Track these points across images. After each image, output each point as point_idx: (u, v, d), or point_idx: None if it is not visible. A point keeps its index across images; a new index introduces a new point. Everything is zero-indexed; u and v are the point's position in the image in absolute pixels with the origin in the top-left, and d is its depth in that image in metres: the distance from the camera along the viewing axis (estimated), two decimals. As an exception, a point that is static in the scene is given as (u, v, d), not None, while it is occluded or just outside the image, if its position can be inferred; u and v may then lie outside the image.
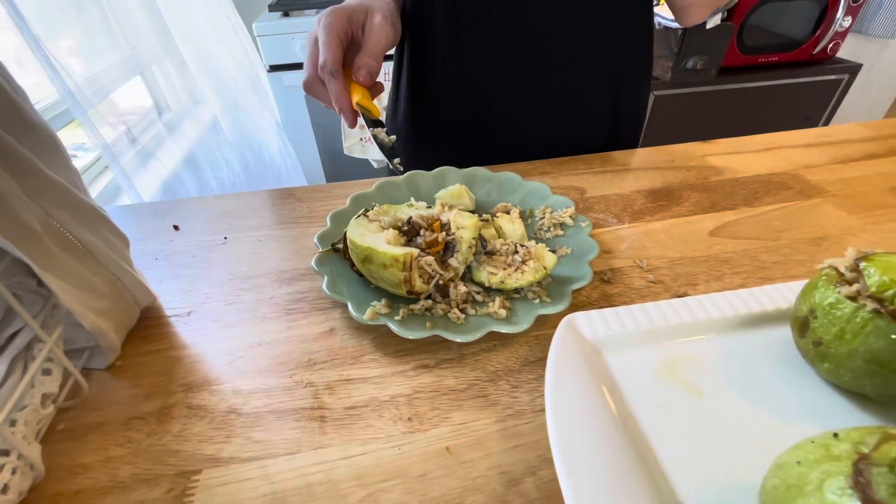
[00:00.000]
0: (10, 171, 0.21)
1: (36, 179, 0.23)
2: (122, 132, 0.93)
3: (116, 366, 0.30)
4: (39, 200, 0.23)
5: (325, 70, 0.38)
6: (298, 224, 0.44)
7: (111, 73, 0.96)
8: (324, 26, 0.39)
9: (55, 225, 0.24)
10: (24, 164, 0.22)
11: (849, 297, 0.23)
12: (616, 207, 0.44)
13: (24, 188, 0.22)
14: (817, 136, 0.55)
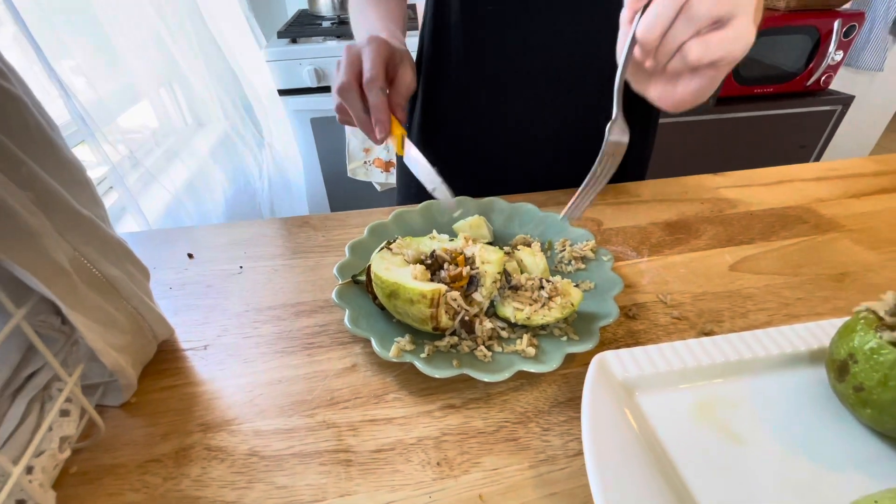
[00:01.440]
0: (44, 208, 0.21)
1: (67, 216, 0.22)
2: (126, 153, 0.93)
3: (131, 402, 0.29)
4: (69, 237, 0.22)
5: (374, 83, 0.38)
6: (315, 253, 0.44)
7: (123, 94, 0.97)
8: (372, 48, 0.39)
9: (83, 261, 0.23)
10: (57, 201, 0.21)
11: (892, 343, 0.23)
12: (634, 240, 0.44)
13: (56, 225, 0.21)
14: (827, 169, 0.56)
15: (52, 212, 0.21)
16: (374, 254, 0.34)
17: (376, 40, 0.40)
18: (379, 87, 0.38)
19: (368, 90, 0.38)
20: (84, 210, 0.24)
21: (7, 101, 0.19)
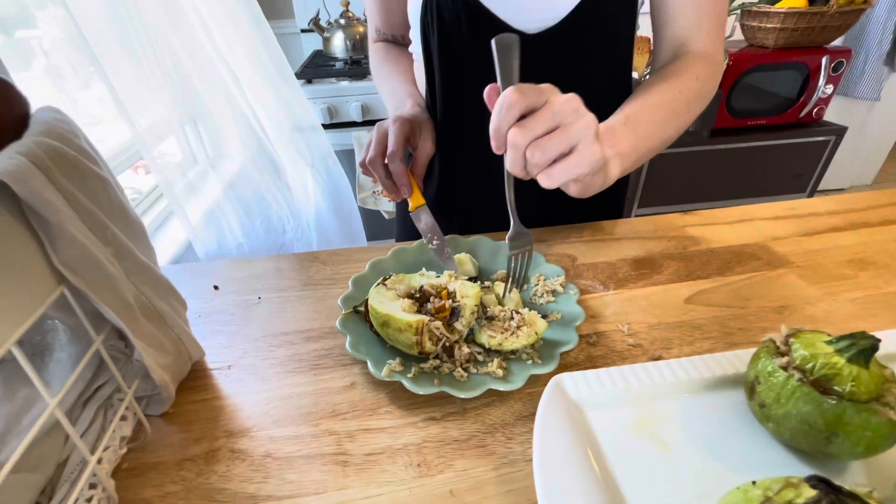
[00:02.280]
0: (119, 259, 0.27)
1: (133, 263, 0.29)
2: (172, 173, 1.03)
3: (169, 413, 0.35)
4: (134, 280, 0.29)
5: (395, 156, 0.48)
6: (322, 286, 0.50)
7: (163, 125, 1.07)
8: (396, 127, 0.49)
9: (142, 298, 0.30)
10: (127, 253, 0.28)
11: (782, 368, 0.28)
12: (603, 275, 0.50)
13: (126, 271, 0.28)
14: (787, 209, 0.61)
15: (123, 261, 0.28)
16: (372, 288, 0.40)
17: (400, 119, 0.49)
18: (399, 159, 0.48)
19: (390, 161, 0.47)
20: (143, 258, 0.30)
21: (98, 182, 0.27)
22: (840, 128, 1.74)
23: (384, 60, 0.64)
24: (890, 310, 0.43)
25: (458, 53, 0.54)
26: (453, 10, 0.51)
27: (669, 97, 0.47)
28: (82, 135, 0.27)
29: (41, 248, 0.23)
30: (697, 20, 0.50)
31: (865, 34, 2.19)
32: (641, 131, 0.45)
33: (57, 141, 0.24)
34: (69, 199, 0.24)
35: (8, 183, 0.20)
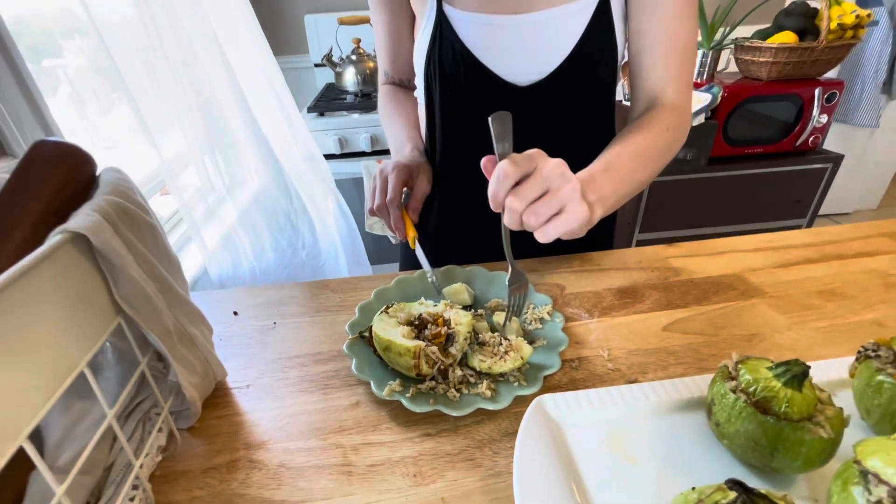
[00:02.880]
0: (162, 291, 0.33)
1: (173, 295, 0.34)
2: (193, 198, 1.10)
3: (196, 426, 0.40)
4: (173, 310, 0.34)
5: (393, 203, 0.55)
6: (332, 312, 0.55)
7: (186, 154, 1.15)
8: (394, 174, 0.56)
9: (179, 325, 0.35)
10: (168, 287, 0.33)
11: (732, 391, 0.32)
12: (589, 303, 0.54)
13: (167, 302, 0.33)
14: (765, 241, 0.66)
15: (165, 294, 0.33)
16: (376, 316, 0.45)
17: (397, 167, 0.56)
18: (396, 206, 0.55)
19: (390, 207, 0.54)
20: (180, 290, 0.36)
21: (149, 229, 0.32)
22: (837, 156, 1.78)
23: (391, 103, 0.70)
24: (852, 339, 0.47)
25: (457, 101, 0.60)
26: (453, 64, 0.57)
27: (644, 147, 0.53)
28: (137, 189, 0.33)
29: (106, 285, 0.28)
30: (668, 76, 0.56)
31: (861, 64, 2.25)
32: (620, 178, 0.50)
33: (120, 198, 0.30)
34: (129, 245, 0.29)
35: (87, 236, 0.26)
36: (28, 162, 0.28)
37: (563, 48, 0.54)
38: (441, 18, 0.56)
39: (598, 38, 0.55)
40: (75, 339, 0.26)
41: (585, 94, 0.59)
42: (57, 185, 0.28)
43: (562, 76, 0.56)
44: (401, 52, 0.67)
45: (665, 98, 0.56)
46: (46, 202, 0.28)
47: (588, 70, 0.57)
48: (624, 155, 0.51)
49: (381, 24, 0.65)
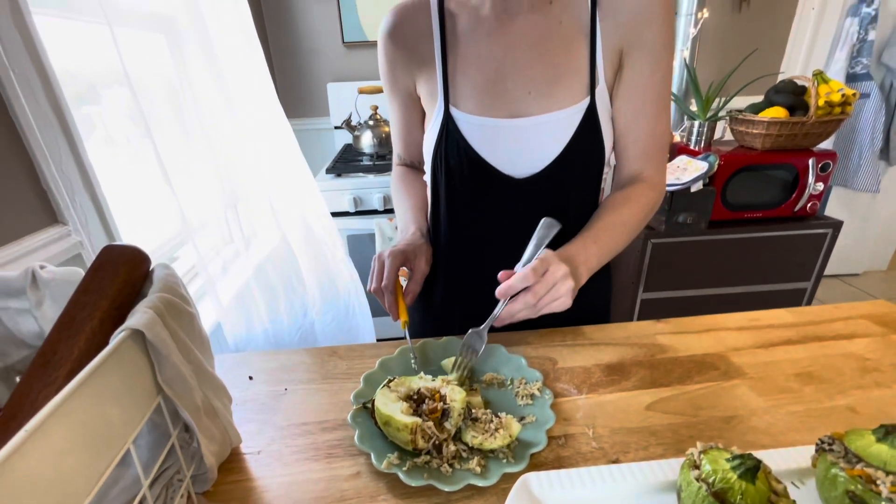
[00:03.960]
0: (195, 372, 0.38)
1: (202, 373, 0.39)
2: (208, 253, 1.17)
3: (210, 491, 0.44)
4: (203, 387, 0.39)
5: (387, 289, 0.61)
6: (339, 380, 0.59)
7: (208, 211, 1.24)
8: (390, 260, 0.62)
9: (206, 399, 0.40)
10: (200, 367, 0.39)
11: (696, 479, 0.35)
12: (578, 379, 0.58)
13: (199, 382, 0.38)
14: (749, 319, 0.69)
15: (198, 373, 0.38)
16: (378, 389, 0.49)
17: (393, 252, 0.62)
18: (391, 291, 0.61)
19: (385, 292, 0.60)
20: (209, 367, 0.41)
21: (188, 317, 0.38)
22: (836, 221, 1.82)
23: (402, 184, 0.78)
24: (826, 424, 0.50)
25: (460, 189, 0.67)
26: (457, 157, 0.65)
27: (629, 219, 0.64)
28: (181, 282, 0.39)
29: (151, 369, 0.34)
30: (647, 161, 0.65)
31: (856, 133, 2.33)
32: (606, 249, 0.61)
33: (168, 293, 0.36)
34: (173, 334, 0.35)
35: (143, 331, 0.31)
36: (98, 265, 0.35)
37: (554, 148, 0.62)
38: (448, 119, 0.64)
39: (586, 140, 0.62)
40: (125, 417, 0.31)
41: (575, 185, 0.66)
42: (121, 283, 0.35)
43: (554, 171, 0.63)
44: (412, 140, 0.75)
45: (644, 176, 0.66)
46: (111, 300, 0.34)
47: (578, 166, 0.64)
48: (611, 227, 0.62)
49: (395, 115, 0.74)
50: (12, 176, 0.70)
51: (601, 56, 0.60)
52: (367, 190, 1.65)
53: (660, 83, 0.61)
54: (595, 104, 0.61)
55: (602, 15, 0.59)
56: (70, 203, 0.78)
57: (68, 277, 0.38)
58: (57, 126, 0.76)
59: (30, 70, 0.71)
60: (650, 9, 0.57)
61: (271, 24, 1.99)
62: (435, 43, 0.64)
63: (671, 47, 0.60)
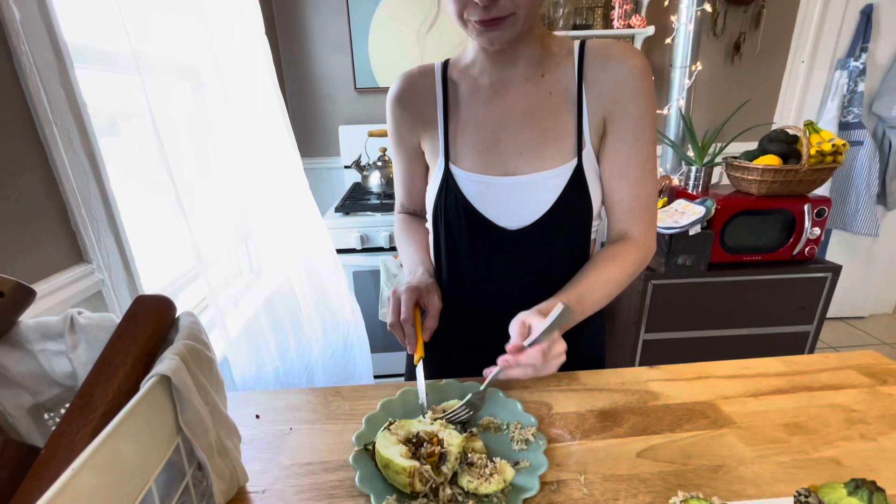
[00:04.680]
0: (211, 413, 0.41)
1: (217, 414, 0.42)
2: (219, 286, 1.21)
3: (216, 530, 0.46)
4: (217, 427, 0.42)
5: (407, 322, 0.64)
6: (341, 420, 0.62)
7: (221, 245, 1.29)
8: (406, 296, 0.66)
9: (219, 439, 0.42)
10: (216, 407, 0.42)
11: (676, 528, 0.37)
12: (572, 425, 0.60)
13: (214, 422, 0.41)
14: (740, 367, 0.71)
15: (213, 414, 0.41)
16: (379, 432, 0.52)
17: (408, 289, 0.66)
18: (410, 324, 0.64)
19: (404, 325, 0.63)
20: (223, 408, 0.44)
21: (208, 362, 0.41)
22: (835, 266, 1.84)
23: (405, 231, 0.82)
24: (811, 475, 0.51)
25: (459, 237, 0.72)
26: (456, 210, 0.70)
27: (616, 277, 0.67)
28: (203, 329, 0.42)
29: (174, 411, 0.37)
30: (635, 221, 0.69)
31: (852, 178, 2.39)
32: (590, 306, 0.65)
33: (192, 340, 0.39)
34: (194, 378, 0.38)
35: (171, 377, 0.35)
36: (132, 314, 0.39)
37: (544, 203, 0.67)
38: (448, 175, 0.69)
39: (573, 196, 0.67)
40: (148, 457, 0.34)
41: (564, 237, 0.70)
42: (151, 331, 0.38)
43: (544, 224, 0.67)
44: (414, 190, 0.81)
45: (633, 234, 0.70)
46: (142, 346, 0.37)
47: (566, 220, 0.68)
48: (597, 284, 0.65)
49: (399, 168, 0.80)
50: (46, 217, 0.75)
51: (587, 123, 0.66)
52: (373, 228, 1.70)
53: (643, 148, 0.66)
54: (582, 165, 0.66)
55: (587, 88, 0.65)
56: (95, 243, 0.83)
57: (102, 323, 0.42)
58: (90, 172, 0.82)
59: (70, 123, 0.78)
60: (630, 83, 0.63)
61: (289, 71, 2.11)
62: (438, 107, 0.70)
63: (652, 116, 0.66)
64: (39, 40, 0.73)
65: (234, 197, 1.29)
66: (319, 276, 1.43)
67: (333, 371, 1.40)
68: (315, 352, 1.32)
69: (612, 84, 0.64)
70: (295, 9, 2.03)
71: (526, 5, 0.56)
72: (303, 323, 1.31)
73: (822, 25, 2.15)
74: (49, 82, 0.75)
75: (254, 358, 1.14)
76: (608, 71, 0.64)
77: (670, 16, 2.00)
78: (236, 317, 1.25)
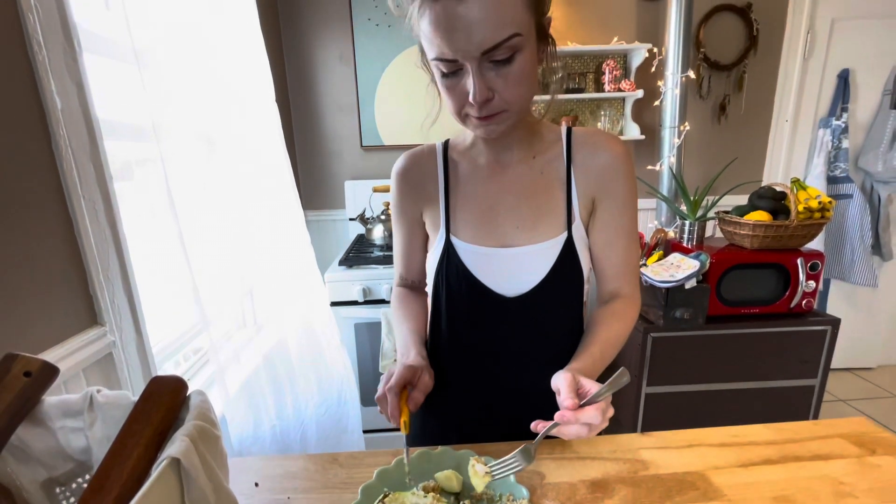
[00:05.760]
0: (215, 490, 0.43)
1: (220, 489, 0.45)
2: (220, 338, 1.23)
3: None
4: (218, 503, 0.44)
5: (391, 391, 0.65)
6: (338, 488, 0.63)
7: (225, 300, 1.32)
8: (398, 373, 0.67)
9: (220, 516, 0.44)
10: (219, 483, 0.44)
11: None
12: (564, 496, 0.61)
13: (216, 498, 0.44)
14: (731, 435, 0.72)
15: (217, 491, 0.44)
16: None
17: (403, 367, 0.67)
18: (395, 393, 0.64)
19: (389, 394, 0.64)
20: (224, 482, 0.46)
21: (214, 440, 0.44)
22: (834, 319, 1.85)
23: (401, 306, 0.85)
24: (799, 554, 0.52)
25: (458, 304, 0.76)
26: (456, 278, 0.74)
27: (621, 332, 0.72)
28: (211, 407, 0.46)
29: (181, 490, 0.40)
30: (624, 281, 0.75)
31: (845, 231, 2.43)
32: (603, 363, 0.69)
33: (201, 420, 0.43)
34: (202, 458, 0.41)
35: (181, 459, 0.38)
36: (147, 395, 0.42)
37: (539, 272, 0.71)
38: (448, 245, 0.74)
39: (565, 266, 0.71)
40: (155, 538, 0.36)
41: (559, 302, 0.74)
42: (164, 411, 0.42)
43: (539, 292, 0.71)
44: (413, 261, 0.85)
45: (624, 292, 0.76)
46: (155, 427, 0.41)
47: (559, 287, 0.72)
48: (608, 342, 0.70)
49: (400, 238, 0.85)
50: (67, 283, 0.80)
51: (576, 200, 0.71)
52: (375, 281, 1.75)
53: (628, 222, 0.72)
54: (572, 237, 0.71)
55: (576, 170, 0.71)
56: (110, 305, 0.88)
57: (118, 401, 0.45)
58: (111, 240, 0.88)
59: (96, 195, 0.85)
60: (615, 168, 0.70)
61: (299, 129, 2.24)
62: (439, 183, 0.76)
63: (635, 193, 0.72)
64: (76, 125, 0.81)
65: (240, 252, 1.34)
66: (315, 330, 1.46)
67: (327, 426, 1.40)
68: (310, 408, 1.32)
69: (599, 169, 0.71)
70: (307, 74, 2.18)
71: (516, 102, 0.63)
72: (298, 379, 1.33)
73: (801, 88, 2.28)
74: (81, 160, 0.82)
75: (252, 417, 1.15)
76: (595, 157, 0.71)
77: (657, 80, 2.13)
78: (237, 372, 1.27)
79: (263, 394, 1.22)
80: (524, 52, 0.59)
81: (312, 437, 1.36)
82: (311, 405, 1.33)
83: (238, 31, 1.39)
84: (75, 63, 0.81)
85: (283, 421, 1.22)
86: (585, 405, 0.56)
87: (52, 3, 0.77)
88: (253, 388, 1.22)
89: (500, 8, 0.55)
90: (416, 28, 0.60)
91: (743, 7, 2.16)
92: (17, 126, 0.72)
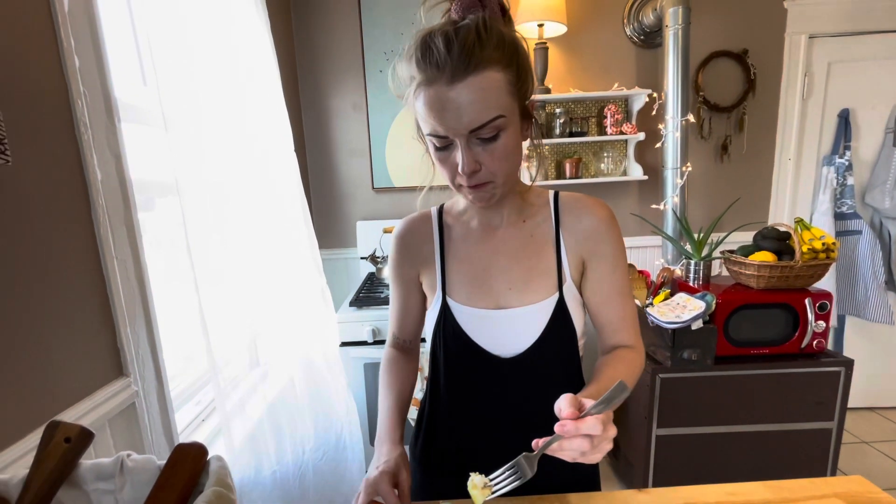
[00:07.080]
0: (228, 551, 0.47)
1: (233, 551, 0.49)
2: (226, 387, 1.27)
3: None
4: (232, 564, 0.48)
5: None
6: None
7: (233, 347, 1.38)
8: (377, 478, 0.66)
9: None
10: (233, 545, 0.48)
11: None
12: (559, 555, 0.63)
13: (230, 559, 0.48)
14: (726, 493, 0.74)
15: (230, 552, 0.48)
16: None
17: (379, 475, 0.66)
18: None
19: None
20: (238, 543, 0.50)
21: (228, 492, 0.48)
22: (847, 360, 1.82)
23: (389, 372, 0.87)
24: None
25: (456, 364, 0.80)
26: (453, 338, 0.78)
27: (627, 375, 0.71)
28: (229, 472, 0.50)
29: (199, 554, 0.44)
30: (624, 333, 0.77)
31: (857, 267, 2.42)
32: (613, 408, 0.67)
33: (219, 486, 0.47)
34: (218, 522, 0.45)
35: (201, 526, 0.42)
36: (173, 462, 0.47)
37: (533, 333, 0.75)
38: (445, 306, 0.79)
39: (558, 326, 0.75)
40: None
41: (554, 361, 0.77)
42: (187, 478, 0.46)
43: (534, 352, 0.75)
44: (407, 321, 0.89)
45: (624, 341, 0.77)
46: (179, 493, 0.45)
47: (553, 346, 0.76)
48: (614, 381, 0.69)
49: (396, 296, 0.88)
50: (97, 337, 0.86)
51: (566, 261, 0.76)
52: (385, 321, 1.79)
53: (620, 279, 0.76)
54: (563, 298, 0.75)
55: (564, 232, 0.76)
56: (135, 357, 0.94)
57: (145, 465, 0.50)
58: (138, 296, 0.95)
59: (128, 255, 0.93)
60: (601, 230, 0.75)
61: (314, 172, 2.35)
62: (435, 246, 0.82)
63: (623, 252, 0.76)
64: (113, 192, 0.89)
65: (253, 296, 1.40)
66: (324, 375, 1.50)
67: (325, 472, 1.42)
68: (307, 452, 1.35)
69: (586, 232, 0.76)
70: (323, 123, 2.31)
71: (502, 173, 0.68)
72: (299, 424, 1.36)
73: (802, 128, 2.32)
74: (116, 224, 0.90)
75: (254, 462, 1.19)
76: (581, 221, 0.76)
77: (659, 123, 2.20)
78: (242, 421, 1.30)
79: (266, 440, 1.25)
80: (508, 130, 0.65)
81: (311, 483, 1.36)
82: (307, 448, 1.36)
83: (261, 88, 1.50)
84: (115, 136, 0.91)
85: (283, 466, 1.25)
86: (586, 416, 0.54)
87: (97, 87, 0.87)
88: (257, 436, 1.26)
89: (485, 93, 0.61)
90: (412, 107, 0.67)
91: (739, 53, 2.24)
92: (62, 199, 0.80)
